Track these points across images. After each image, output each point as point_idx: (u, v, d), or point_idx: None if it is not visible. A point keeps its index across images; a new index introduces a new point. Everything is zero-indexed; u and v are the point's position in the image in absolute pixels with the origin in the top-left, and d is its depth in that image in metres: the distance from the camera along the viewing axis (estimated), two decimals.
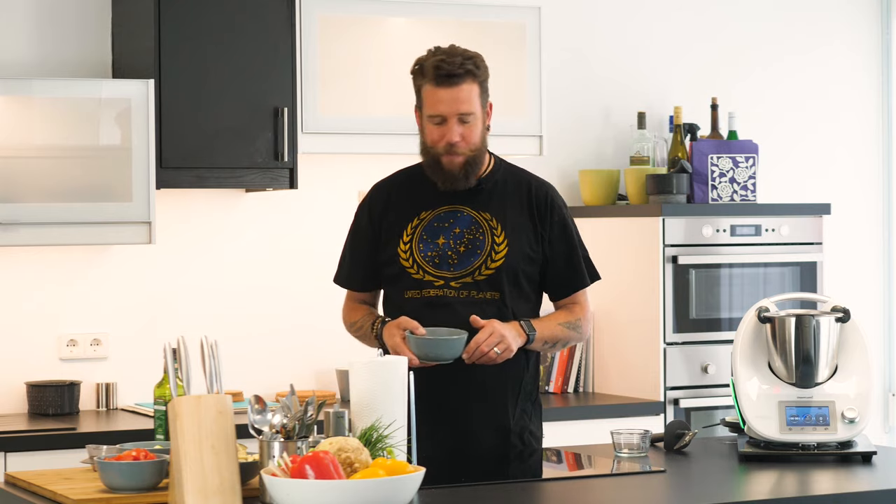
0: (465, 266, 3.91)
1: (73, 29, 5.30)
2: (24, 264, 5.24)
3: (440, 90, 3.88)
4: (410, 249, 3.93)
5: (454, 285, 3.90)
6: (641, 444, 3.82)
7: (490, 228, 3.94)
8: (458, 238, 3.93)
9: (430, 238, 3.93)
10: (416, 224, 3.95)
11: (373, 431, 3.28)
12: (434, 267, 3.91)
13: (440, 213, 3.96)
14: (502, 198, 3.98)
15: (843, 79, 6.54)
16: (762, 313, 3.96)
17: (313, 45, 5.28)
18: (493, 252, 3.92)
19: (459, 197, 3.96)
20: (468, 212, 3.95)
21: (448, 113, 3.88)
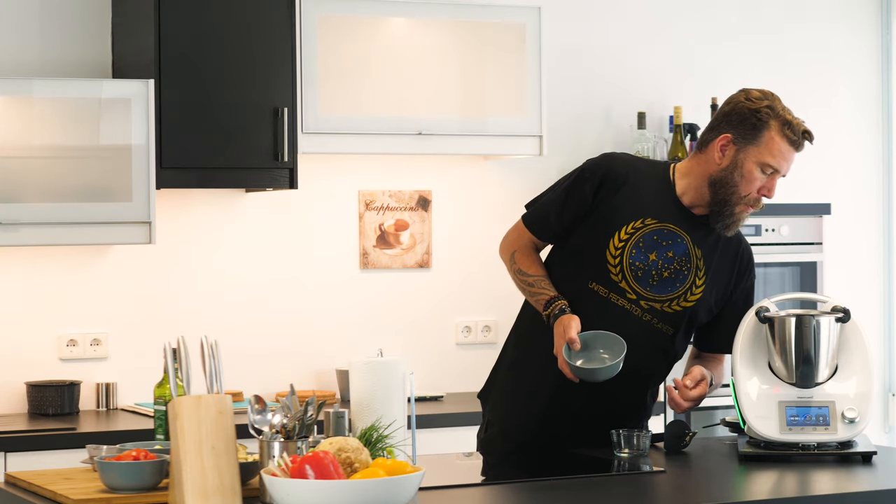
0: (662, 292, 3.87)
1: (73, 29, 5.30)
2: (24, 264, 5.24)
3: (787, 146, 3.84)
4: (623, 251, 3.84)
5: (643, 305, 3.87)
6: (641, 444, 3.82)
7: (697, 268, 3.90)
8: (668, 262, 3.87)
9: (646, 249, 3.86)
10: (638, 227, 3.87)
11: (373, 431, 3.28)
12: (636, 280, 3.86)
13: (664, 229, 3.88)
14: (717, 243, 3.93)
15: (843, 79, 6.54)
16: (762, 313, 3.96)
17: (313, 45, 5.28)
18: (690, 292, 3.91)
19: (685, 223, 3.89)
20: (686, 241, 3.89)
21: (784, 170, 3.87)
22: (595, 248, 3.86)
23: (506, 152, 5.67)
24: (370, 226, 5.71)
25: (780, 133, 3.84)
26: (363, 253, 5.71)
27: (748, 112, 3.85)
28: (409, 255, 5.76)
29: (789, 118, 3.86)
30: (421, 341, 5.80)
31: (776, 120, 3.85)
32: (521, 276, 3.97)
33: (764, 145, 3.84)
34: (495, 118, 5.56)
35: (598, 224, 3.87)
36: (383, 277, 5.76)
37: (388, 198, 5.74)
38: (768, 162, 3.84)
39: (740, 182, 3.84)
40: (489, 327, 5.89)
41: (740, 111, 3.85)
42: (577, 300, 3.86)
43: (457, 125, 5.49)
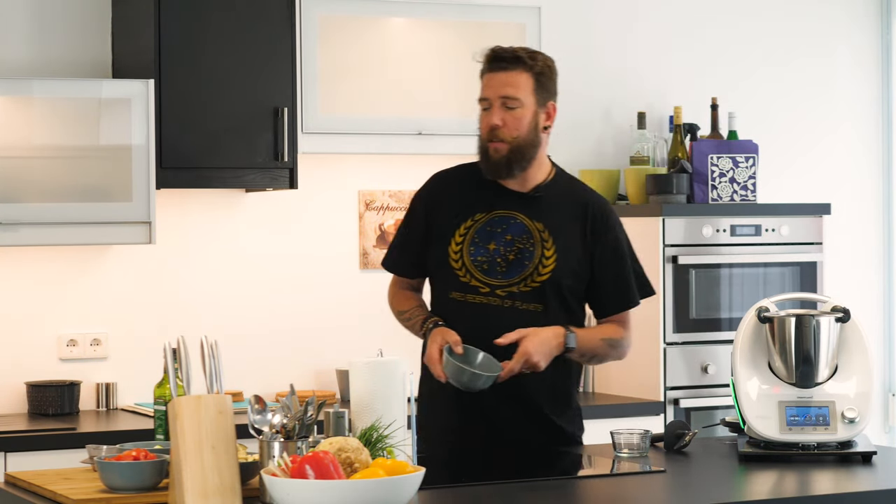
0: (513, 275, 3.91)
1: (73, 29, 5.30)
2: (24, 264, 5.24)
3: (487, 75, 3.95)
4: (461, 252, 3.93)
5: (500, 293, 3.91)
6: (641, 444, 3.82)
7: (541, 240, 3.93)
8: (508, 245, 3.92)
9: (482, 242, 3.93)
10: (469, 225, 3.95)
11: (373, 431, 3.28)
12: (483, 273, 3.91)
13: (494, 217, 3.95)
14: (558, 209, 3.98)
15: (844, 79, 6.54)
16: (762, 313, 3.96)
17: (313, 45, 5.28)
18: (541, 264, 3.92)
19: (515, 203, 3.96)
20: (522, 219, 3.95)
21: (492, 96, 3.92)
22: (441, 260, 3.96)
23: None
24: (370, 226, 5.71)
25: (483, 70, 3.96)
26: (363, 253, 5.71)
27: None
28: None
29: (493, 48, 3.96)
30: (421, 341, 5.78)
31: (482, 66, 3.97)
32: (400, 316, 4.10)
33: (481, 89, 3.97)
34: None
35: (438, 240, 3.98)
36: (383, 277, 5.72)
37: (388, 198, 5.74)
38: (479, 98, 3.95)
39: (479, 126, 3.96)
40: None
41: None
42: (445, 314, 3.95)
43: (457, 125, 5.48)
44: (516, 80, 3.93)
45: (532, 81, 3.95)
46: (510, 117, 3.92)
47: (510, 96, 3.91)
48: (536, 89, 3.95)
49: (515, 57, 3.93)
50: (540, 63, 3.97)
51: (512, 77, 3.92)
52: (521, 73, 3.93)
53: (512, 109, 3.92)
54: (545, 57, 4.01)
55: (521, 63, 3.93)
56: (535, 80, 3.95)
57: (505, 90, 3.91)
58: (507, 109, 3.92)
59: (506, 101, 3.91)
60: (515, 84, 3.92)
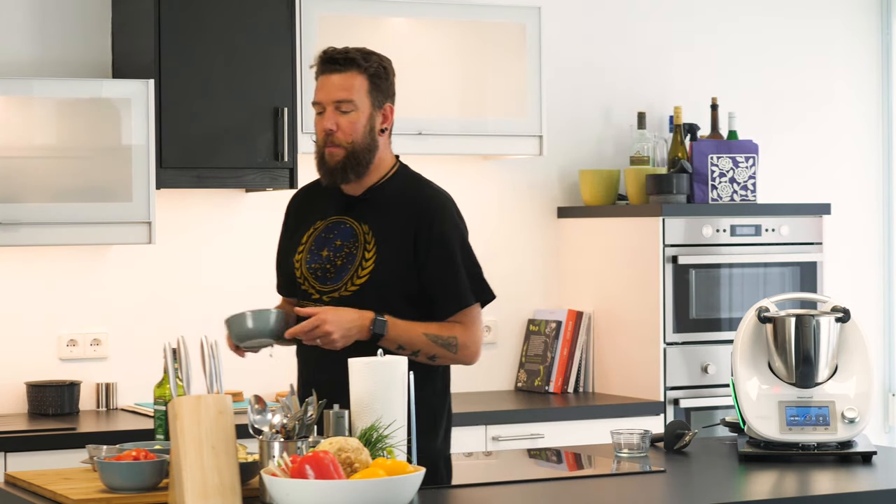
0: (338, 280, 3.84)
1: (73, 29, 5.30)
2: (24, 264, 5.24)
3: (321, 78, 3.85)
4: (301, 261, 3.91)
5: (325, 299, 3.84)
6: (641, 444, 3.82)
7: (364, 242, 3.84)
8: (338, 251, 3.86)
9: (317, 249, 3.89)
10: (310, 234, 3.92)
11: (373, 431, 3.28)
12: (316, 280, 3.87)
13: (329, 223, 3.91)
14: (388, 211, 3.86)
15: (844, 79, 6.54)
16: (762, 313, 3.96)
17: (313, 45, 5.28)
18: (360, 267, 3.83)
19: (345, 207, 3.89)
20: (350, 223, 3.88)
21: (325, 100, 3.82)
22: (289, 271, 3.96)
23: (506, 152, 5.67)
24: None
25: (316, 73, 3.88)
26: None
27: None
28: None
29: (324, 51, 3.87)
30: None
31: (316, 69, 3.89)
32: None
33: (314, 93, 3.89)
34: (495, 118, 5.56)
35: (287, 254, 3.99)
36: None
37: None
38: (313, 102, 3.87)
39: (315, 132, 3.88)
40: (489, 327, 5.88)
41: None
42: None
43: (457, 125, 5.49)
44: (350, 83, 3.81)
45: (367, 83, 3.83)
46: (345, 121, 3.81)
47: (344, 99, 3.80)
48: (371, 91, 3.84)
49: (348, 59, 3.82)
50: (374, 64, 3.85)
51: (346, 79, 3.81)
52: (356, 74, 3.82)
53: (346, 113, 3.81)
54: (380, 57, 3.89)
55: (354, 64, 3.81)
56: (369, 81, 3.83)
57: (338, 94, 3.80)
58: (341, 113, 3.81)
59: (339, 104, 3.80)
60: (349, 87, 3.81)
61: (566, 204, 6.00)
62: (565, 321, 5.79)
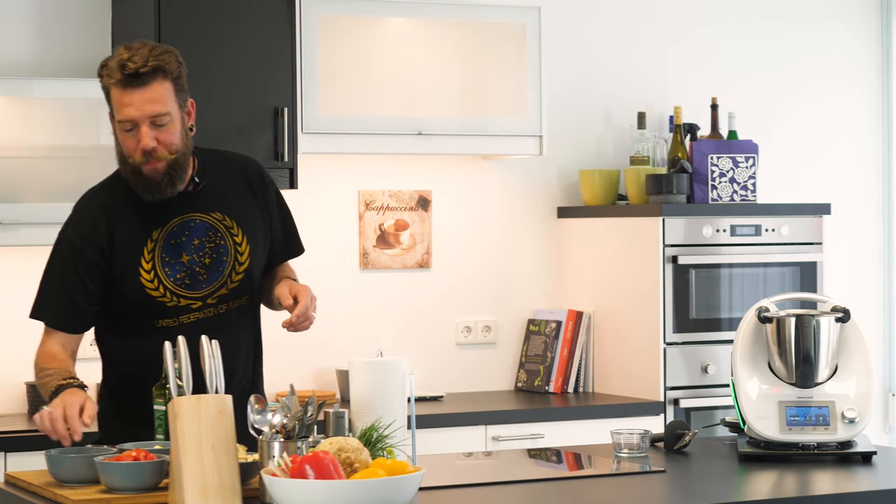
0: (217, 277, 3.66)
1: (73, 29, 5.30)
2: (25, 264, 5.23)
3: (127, 93, 3.54)
4: (156, 276, 3.60)
5: (211, 302, 3.66)
6: (641, 444, 3.82)
7: (226, 229, 3.68)
8: (199, 250, 3.64)
9: (173, 258, 3.62)
10: (151, 248, 3.62)
11: (373, 431, 3.28)
12: (187, 288, 3.63)
13: (173, 227, 3.64)
14: (225, 191, 3.71)
15: (844, 79, 6.54)
16: (762, 313, 3.96)
17: (313, 45, 5.28)
18: (237, 255, 3.69)
19: (186, 204, 3.65)
20: (200, 218, 3.67)
21: (138, 117, 3.54)
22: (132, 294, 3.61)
23: (506, 152, 5.67)
24: (370, 226, 5.71)
25: (115, 86, 3.54)
26: (363, 253, 5.71)
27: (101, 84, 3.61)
28: (409, 255, 5.76)
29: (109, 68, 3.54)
30: (421, 341, 5.80)
31: (110, 79, 3.55)
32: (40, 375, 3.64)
33: (114, 105, 3.57)
34: (495, 118, 5.56)
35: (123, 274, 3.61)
36: (383, 277, 5.76)
37: (388, 198, 5.74)
38: (119, 119, 3.56)
39: (123, 151, 3.60)
40: (489, 327, 5.89)
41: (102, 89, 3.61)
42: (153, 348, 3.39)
43: (457, 125, 5.49)
44: (160, 94, 3.56)
45: (172, 88, 3.60)
46: (164, 135, 3.57)
47: (159, 112, 3.55)
48: (177, 94, 3.63)
49: (153, 69, 3.54)
50: (174, 65, 3.62)
51: (154, 91, 3.55)
52: (162, 82, 3.57)
53: (163, 126, 3.57)
54: (172, 53, 3.63)
55: (159, 73, 3.55)
56: (173, 84, 3.61)
57: (152, 108, 3.54)
58: (157, 127, 3.56)
59: (155, 118, 3.55)
60: (160, 98, 3.56)
61: (566, 204, 6.00)
62: (565, 321, 5.79)
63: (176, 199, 3.65)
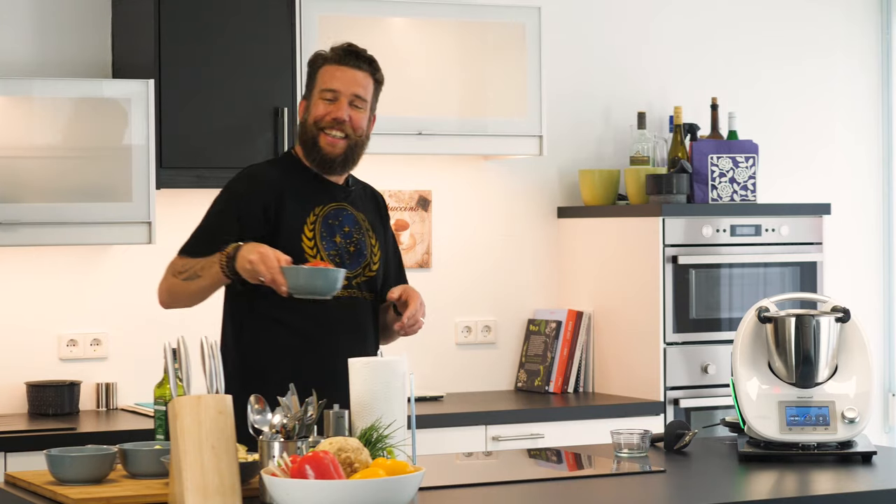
0: (355, 266, 3.91)
1: (73, 29, 5.30)
2: (24, 264, 5.24)
3: (341, 68, 3.90)
4: (315, 245, 3.87)
5: (354, 284, 3.91)
6: (641, 444, 3.82)
7: (366, 230, 3.98)
8: (348, 236, 3.93)
9: (329, 235, 3.90)
10: (313, 220, 3.90)
11: (373, 431, 3.28)
12: (336, 265, 3.86)
13: (331, 210, 3.94)
14: (365, 203, 4.04)
15: (844, 78, 6.54)
16: (762, 313, 3.96)
17: (313, 45, 5.28)
18: (372, 254, 3.97)
19: (342, 195, 3.97)
20: (351, 211, 3.97)
21: (343, 90, 3.89)
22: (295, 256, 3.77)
23: (506, 152, 5.67)
24: None
25: (330, 61, 3.91)
26: None
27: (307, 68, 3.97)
28: (409, 255, 5.76)
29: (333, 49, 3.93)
30: (421, 341, 5.78)
31: (325, 59, 3.92)
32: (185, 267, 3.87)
33: (319, 79, 3.91)
34: (495, 118, 5.56)
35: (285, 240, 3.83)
36: None
37: (388, 198, 5.74)
38: (324, 87, 3.88)
39: (311, 118, 3.90)
40: (489, 327, 5.89)
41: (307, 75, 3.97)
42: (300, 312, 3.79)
43: (457, 125, 5.49)
44: (367, 83, 3.93)
45: (374, 89, 3.96)
46: (357, 115, 3.91)
47: (360, 96, 3.91)
48: (374, 96, 3.98)
49: (369, 60, 3.95)
50: (380, 73, 3.99)
51: (364, 78, 3.93)
52: (369, 76, 3.95)
53: (358, 109, 3.91)
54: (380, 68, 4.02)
55: (371, 66, 3.95)
56: (375, 87, 3.97)
57: (357, 88, 3.90)
58: (353, 108, 3.91)
59: (355, 99, 3.90)
60: (365, 86, 3.93)
61: (566, 204, 6.00)
62: (565, 321, 5.79)
63: (336, 187, 3.96)
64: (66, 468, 3.35)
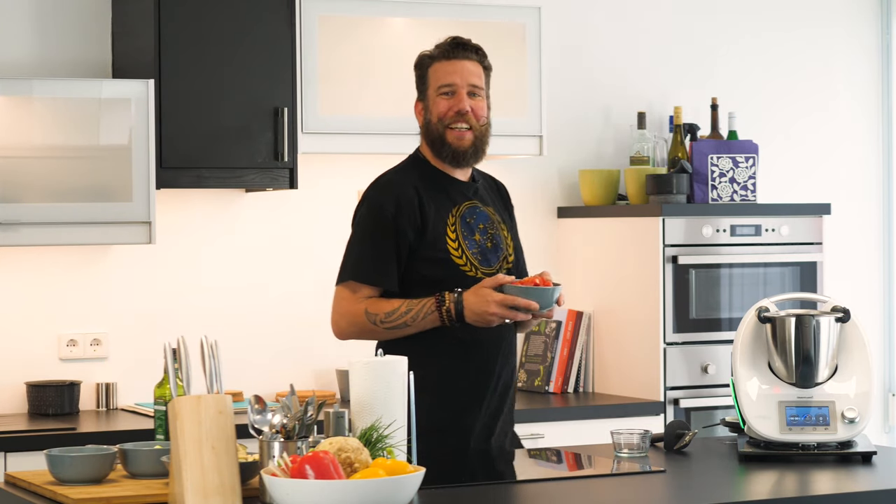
0: (496, 261, 3.99)
1: (73, 29, 5.30)
2: (24, 264, 5.24)
3: (451, 62, 3.96)
4: (460, 246, 3.93)
5: None
6: (641, 444, 3.82)
7: (498, 223, 4.04)
8: (484, 233, 3.99)
9: (468, 234, 3.96)
10: (453, 221, 3.95)
11: (373, 431, 3.28)
12: (481, 263, 3.95)
13: (466, 209, 3.99)
14: (492, 196, 4.10)
15: (844, 79, 6.54)
16: (762, 313, 3.96)
17: (313, 45, 5.28)
18: (507, 248, 4.04)
19: (471, 192, 4.02)
20: (482, 208, 4.03)
21: (459, 83, 3.94)
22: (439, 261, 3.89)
23: (506, 152, 5.66)
24: None
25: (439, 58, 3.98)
26: None
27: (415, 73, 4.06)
28: None
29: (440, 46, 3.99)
30: None
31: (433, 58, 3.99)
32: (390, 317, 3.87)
33: (432, 77, 3.98)
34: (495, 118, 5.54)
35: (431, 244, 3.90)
36: None
37: None
38: (441, 83, 3.94)
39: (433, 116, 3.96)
40: None
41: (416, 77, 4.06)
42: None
43: None
44: (479, 71, 3.99)
45: (485, 75, 4.03)
46: (477, 104, 3.97)
47: (476, 84, 3.96)
48: (487, 83, 4.03)
49: (475, 49, 4.00)
50: (488, 59, 4.05)
51: (476, 67, 3.99)
52: (478, 64, 4.00)
53: (477, 98, 3.97)
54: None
55: (478, 55, 4.01)
56: (486, 74, 4.03)
57: (472, 78, 3.95)
58: (471, 97, 3.96)
59: (472, 88, 3.96)
60: (478, 74, 3.99)
61: (566, 204, 6.00)
62: (565, 321, 5.79)
63: (464, 185, 4.01)
64: (66, 468, 3.34)
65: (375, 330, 3.89)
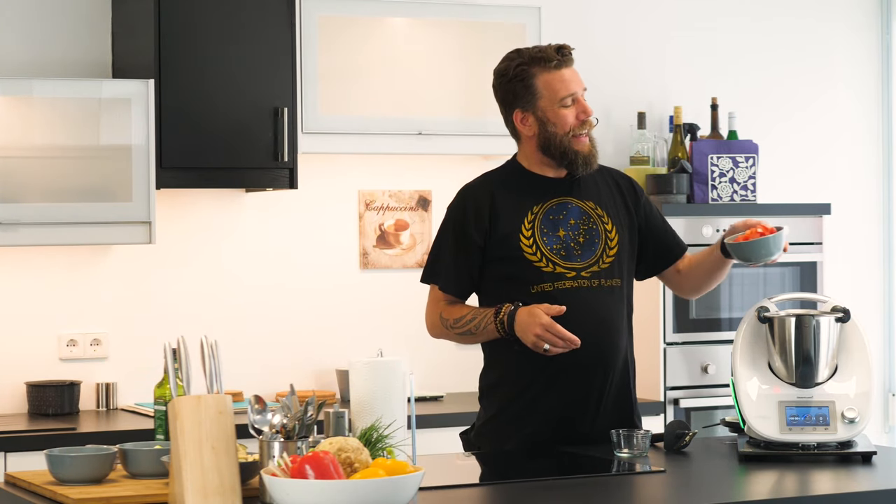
0: (589, 256, 3.98)
1: (73, 29, 5.30)
2: (24, 264, 5.24)
3: (563, 72, 4.01)
4: (535, 243, 3.95)
5: (585, 275, 3.97)
6: (641, 444, 3.82)
7: (598, 217, 4.03)
8: (575, 228, 3.99)
9: (551, 231, 3.97)
10: (531, 219, 3.97)
11: (373, 431, 3.28)
12: (563, 259, 3.95)
13: (551, 205, 4.00)
14: (598, 189, 4.08)
15: (844, 79, 6.54)
16: (762, 313, 3.96)
17: (313, 45, 5.28)
18: (608, 240, 4.02)
19: (565, 189, 4.03)
20: (575, 202, 4.03)
21: (577, 90, 4.00)
22: (512, 259, 3.95)
23: (506, 152, 5.62)
24: (370, 226, 5.71)
25: (548, 68, 4.01)
26: (363, 253, 5.71)
27: (510, 84, 4.05)
28: (409, 255, 5.76)
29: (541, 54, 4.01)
30: (421, 341, 5.78)
31: (536, 66, 4.01)
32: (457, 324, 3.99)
33: (545, 90, 4.01)
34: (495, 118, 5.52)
35: (504, 241, 3.96)
36: (383, 277, 5.76)
37: (388, 198, 5.74)
38: (562, 95, 4.00)
39: (561, 128, 3.99)
40: None
41: (506, 88, 4.06)
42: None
43: (457, 125, 5.49)
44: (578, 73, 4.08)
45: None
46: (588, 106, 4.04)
47: (585, 88, 4.05)
48: None
49: (570, 52, 4.07)
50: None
51: (576, 70, 4.07)
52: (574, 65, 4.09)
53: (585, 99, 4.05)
54: None
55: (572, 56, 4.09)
56: None
57: (581, 83, 4.04)
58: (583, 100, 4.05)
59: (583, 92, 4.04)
60: (580, 76, 4.07)
61: None
62: None
63: (555, 182, 4.03)
64: (66, 468, 3.34)
65: (450, 334, 4.03)
